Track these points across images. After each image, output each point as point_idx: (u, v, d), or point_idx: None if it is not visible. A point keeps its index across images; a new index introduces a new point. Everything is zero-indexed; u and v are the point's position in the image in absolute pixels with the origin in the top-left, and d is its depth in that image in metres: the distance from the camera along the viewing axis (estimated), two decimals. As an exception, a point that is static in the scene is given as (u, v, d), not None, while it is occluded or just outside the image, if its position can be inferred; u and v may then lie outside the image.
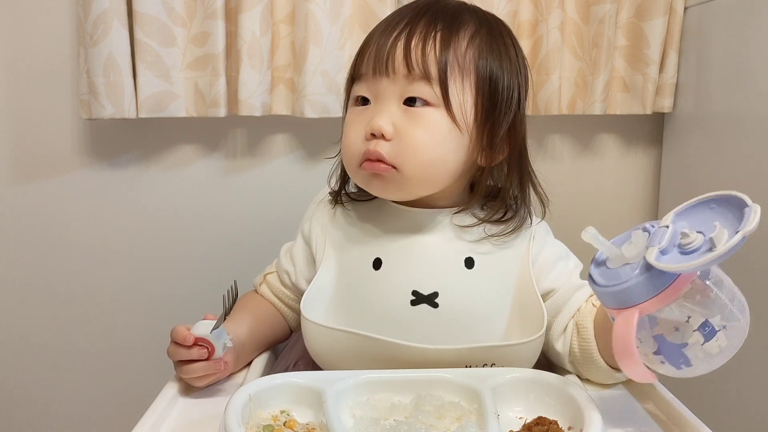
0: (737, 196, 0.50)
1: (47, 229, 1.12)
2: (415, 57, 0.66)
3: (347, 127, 0.70)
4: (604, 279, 0.53)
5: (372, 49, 0.68)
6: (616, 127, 1.18)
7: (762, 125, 0.91)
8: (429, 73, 0.66)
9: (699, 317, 0.50)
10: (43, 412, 1.18)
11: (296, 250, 0.77)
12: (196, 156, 1.13)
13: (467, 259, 0.69)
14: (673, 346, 0.52)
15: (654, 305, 0.50)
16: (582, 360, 0.69)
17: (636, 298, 0.50)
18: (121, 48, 0.98)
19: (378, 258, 0.70)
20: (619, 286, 0.51)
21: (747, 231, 0.46)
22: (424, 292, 0.67)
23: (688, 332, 0.51)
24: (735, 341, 0.51)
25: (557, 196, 1.18)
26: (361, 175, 0.70)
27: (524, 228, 0.73)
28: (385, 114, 0.66)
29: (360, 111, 0.69)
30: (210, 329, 0.64)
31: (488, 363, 0.65)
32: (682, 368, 0.52)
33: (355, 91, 0.70)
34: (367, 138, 0.67)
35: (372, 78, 0.68)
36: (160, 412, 0.61)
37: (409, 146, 0.66)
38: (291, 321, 0.80)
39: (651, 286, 0.50)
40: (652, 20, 1.06)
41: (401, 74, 0.66)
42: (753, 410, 0.93)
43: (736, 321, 0.51)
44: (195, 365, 0.64)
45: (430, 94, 0.66)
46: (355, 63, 0.71)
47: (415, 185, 0.68)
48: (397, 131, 0.66)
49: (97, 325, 1.16)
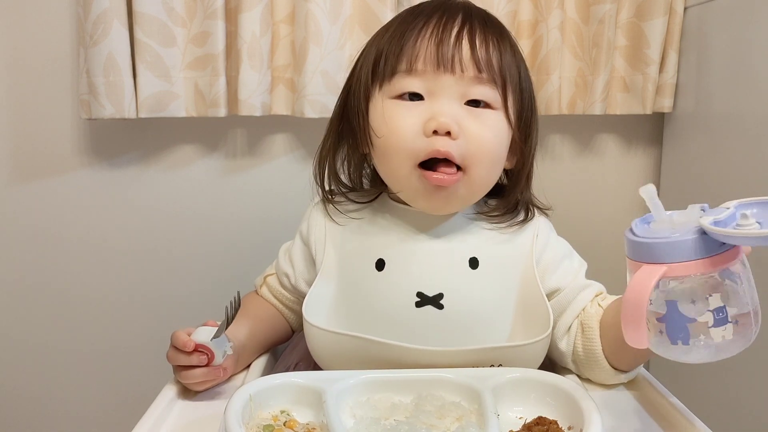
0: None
1: (47, 229, 1.12)
2: (483, 58, 0.66)
3: (395, 121, 0.66)
4: (643, 233, 0.52)
5: (427, 43, 0.66)
6: (616, 127, 1.18)
7: (762, 125, 0.91)
8: (496, 76, 0.66)
9: (719, 300, 0.50)
10: (43, 412, 1.18)
11: (295, 252, 0.77)
12: (196, 156, 1.13)
13: (472, 259, 0.69)
14: (681, 317, 0.50)
15: (687, 269, 0.49)
16: (585, 360, 0.69)
17: (672, 256, 0.49)
18: (121, 48, 0.98)
19: (381, 259, 0.69)
20: (662, 239, 0.49)
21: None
22: (429, 294, 0.67)
23: (702, 309, 0.50)
24: (738, 341, 0.51)
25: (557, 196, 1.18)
26: (416, 180, 0.66)
27: (528, 224, 0.73)
28: (450, 111, 0.65)
29: (410, 106, 0.66)
30: (211, 336, 0.64)
31: (495, 364, 0.65)
32: (677, 344, 0.51)
33: (404, 86, 0.66)
34: (427, 135, 0.65)
35: (432, 74, 0.65)
36: (160, 412, 0.61)
37: (478, 146, 0.65)
38: (292, 322, 0.80)
39: (694, 249, 0.48)
40: (652, 20, 1.06)
41: (469, 74, 0.65)
42: (753, 410, 0.93)
43: (749, 322, 0.51)
44: (194, 371, 0.64)
45: (494, 97, 0.67)
46: (394, 56, 0.67)
47: (477, 190, 0.69)
48: (462, 130, 0.65)
49: (97, 325, 1.16)
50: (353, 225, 0.73)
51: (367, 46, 0.72)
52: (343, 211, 0.74)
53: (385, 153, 0.68)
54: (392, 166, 0.68)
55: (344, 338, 0.65)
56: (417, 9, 0.71)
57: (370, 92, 0.69)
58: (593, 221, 1.20)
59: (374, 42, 0.71)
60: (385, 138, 0.67)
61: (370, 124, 0.69)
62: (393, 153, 0.67)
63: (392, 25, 0.70)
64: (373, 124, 0.69)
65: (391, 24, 0.71)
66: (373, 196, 0.74)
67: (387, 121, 0.67)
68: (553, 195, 1.18)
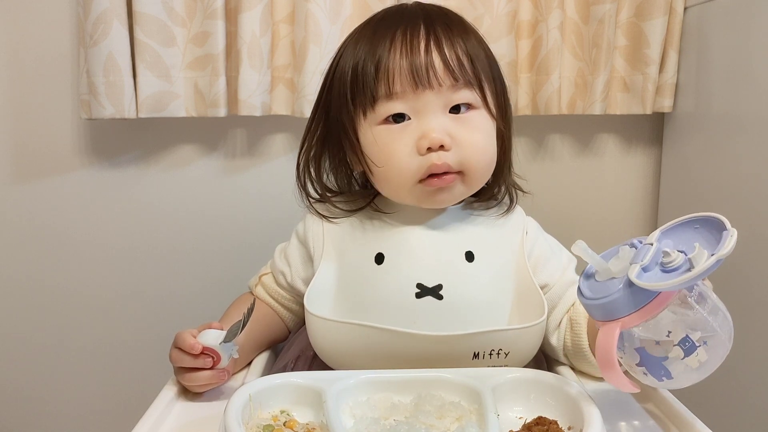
0: (718, 219, 0.51)
1: (47, 228, 1.12)
2: (456, 66, 0.67)
3: (390, 147, 0.68)
4: (591, 292, 0.55)
5: (398, 64, 0.67)
6: (616, 127, 1.18)
7: (762, 125, 0.91)
8: (471, 79, 0.68)
9: (679, 332, 0.52)
10: (43, 411, 1.18)
11: (291, 251, 0.77)
12: (196, 156, 1.13)
13: (467, 252, 0.71)
14: (655, 359, 0.53)
15: (635, 320, 0.52)
16: (574, 354, 0.72)
17: (618, 312, 0.52)
18: (121, 48, 0.98)
19: (380, 253, 0.70)
20: (603, 299, 0.52)
21: (722, 255, 0.48)
22: (429, 285, 0.68)
23: (669, 346, 0.52)
24: (716, 356, 0.53)
25: (557, 196, 1.19)
26: (419, 191, 0.69)
27: (516, 219, 0.76)
28: (438, 126, 0.67)
29: (399, 128, 0.68)
30: (218, 339, 0.64)
31: (495, 349, 0.66)
32: (664, 380, 0.54)
33: (388, 110, 0.68)
34: (422, 153, 0.67)
35: (412, 94, 0.67)
36: (160, 412, 0.61)
37: (472, 151, 0.68)
38: (288, 321, 0.80)
39: (632, 302, 0.51)
40: (652, 20, 1.06)
41: (446, 85, 0.67)
42: (753, 410, 0.93)
43: (718, 337, 0.52)
44: (199, 374, 0.64)
45: (474, 98, 0.69)
46: (372, 82, 0.68)
47: (476, 185, 0.72)
48: (453, 139, 0.67)
49: (97, 324, 1.16)
50: (351, 222, 0.75)
51: (337, 66, 0.72)
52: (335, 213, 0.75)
53: (386, 179, 0.71)
54: (393, 186, 0.71)
55: (347, 327, 0.66)
56: (380, 24, 0.71)
57: (355, 120, 0.71)
58: (593, 221, 1.20)
59: (346, 65, 0.71)
60: (386, 164, 0.69)
61: (365, 153, 0.71)
62: (395, 177, 0.70)
63: (360, 46, 0.70)
64: (368, 152, 0.71)
65: (357, 44, 0.71)
66: (364, 204, 0.76)
67: (382, 149, 0.69)
68: (553, 195, 1.19)
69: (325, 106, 0.74)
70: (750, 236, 0.93)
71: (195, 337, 0.64)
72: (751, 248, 0.92)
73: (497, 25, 1.06)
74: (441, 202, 0.71)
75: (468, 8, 1.06)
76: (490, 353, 0.66)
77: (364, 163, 0.71)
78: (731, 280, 0.96)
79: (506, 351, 0.66)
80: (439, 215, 0.73)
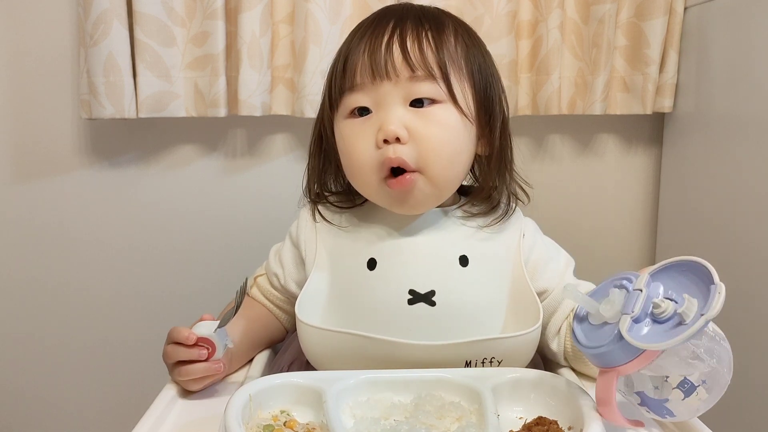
0: (704, 267, 0.51)
1: (47, 228, 1.12)
2: (415, 57, 0.66)
3: (350, 140, 0.68)
4: (586, 338, 0.55)
5: (362, 57, 0.67)
6: (616, 127, 1.18)
7: (762, 125, 0.91)
8: (432, 71, 0.66)
9: (677, 376, 0.52)
10: (43, 411, 1.18)
11: (284, 253, 0.77)
12: (196, 156, 1.13)
13: (461, 257, 0.69)
14: (655, 401, 0.54)
15: (631, 368, 0.52)
16: (575, 358, 0.71)
17: (614, 362, 0.52)
18: (121, 48, 0.98)
19: (372, 258, 0.69)
20: (598, 349, 0.52)
21: (710, 316, 0.47)
22: (421, 291, 0.67)
23: (668, 389, 0.53)
24: (717, 389, 0.53)
25: (557, 196, 1.19)
26: (385, 193, 0.68)
27: (513, 222, 0.74)
28: (394, 117, 0.66)
29: (361, 122, 0.68)
30: (211, 329, 0.64)
31: (488, 357, 0.65)
32: (667, 417, 0.54)
33: (351, 103, 0.68)
34: (379, 146, 0.66)
35: (371, 85, 0.66)
36: (160, 412, 0.61)
37: (429, 146, 0.66)
38: (284, 322, 0.79)
39: (626, 353, 0.51)
40: (652, 20, 1.06)
41: (404, 76, 0.66)
42: (753, 410, 0.93)
43: (717, 374, 0.52)
44: (195, 366, 0.64)
45: (437, 92, 0.67)
46: (340, 76, 0.69)
47: (443, 186, 0.69)
48: (411, 133, 0.66)
49: (97, 324, 1.16)
50: (343, 226, 0.74)
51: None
52: (331, 213, 0.75)
53: (352, 173, 0.70)
54: (361, 183, 0.70)
55: (338, 336, 0.65)
56: (363, 23, 0.72)
57: (332, 116, 0.71)
58: (593, 221, 1.20)
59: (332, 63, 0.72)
60: (347, 159, 0.69)
61: (338, 149, 0.71)
62: (357, 172, 0.69)
63: (343, 45, 0.72)
64: (339, 146, 0.71)
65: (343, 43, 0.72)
66: (360, 201, 0.75)
67: (345, 142, 0.69)
68: (553, 195, 1.19)
69: (319, 114, 0.75)
70: (750, 236, 0.93)
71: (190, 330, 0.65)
72: (751, 248, 0.92)
73: (497, 25, 1.06)
74: (410, 207, 0.69)
75: (468, 8, 1.06)
76: (482, 361, 0.65)
77: (339, 159, 0.71)
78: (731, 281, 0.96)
79: (499, 359, 0.65)
80: (431, 219, 0.71)
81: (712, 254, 0.98)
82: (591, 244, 1.19)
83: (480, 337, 0.64)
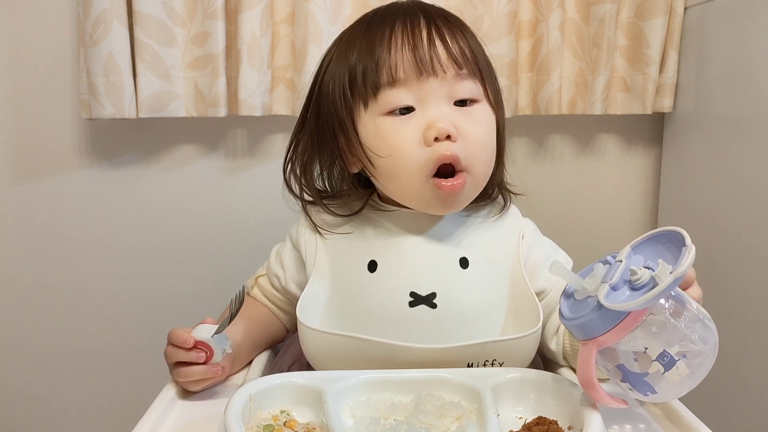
0: (679, 233, 0.52)
1: (47, 228, 1.12)
2: (460, 54, 0.66)
3: (393, 138, 0.66)
4: (570, 311, 0.55)
5: (402, 51, 0.65)
6: (616, 127, 1.18)
7: (762, 125, 0.91)
8: (474, 70, 0.67)
9: (657, 348, 0.52)
10: (43, 411, 1.18)
11: (285, 254, 0.77)
12: (196, 156, 1.13)
13: (462, 259, 0.70)
14: (636, 375, 0.54)
15: (610, 338, 0.52)
16: (573, 357, 0.71)
17: (593, 332, 0.52)
18: (121, 48, 0.98)
19: (373, 260, 0.69)
20: (578, 320, 0.53)
21: (679, 273, 0.48)
22: (422, 293, 0.67)
23: (647, 362, 0.53)
24: (699, 369, 0.53)
25: (557, 195, 1.19)
26: (429, 193, 0.67)
27: (512, 219, 0.75)
28: (444, 115, 0.65)
29: (404, 119, 0.66)
30: (211, 333, 0.64)
31: (489, 359, 0.65)
32: (649, 395, 0.54)
33: (394, 100, 0.66)
34: (429, 144, 0.65)
35: (416, 81, 0.65)
36: (160, 412, 0.61)
37: (475, 145, 0.66)
38: (285, 322, 0.79)
39: (604, 321, 0.52)
40: (652, 20, 1.06)
41: (451, 74, 0.66)
42: (753, 410, 0.93)
43: (698, 349, 0.53)
44: (193, 368, 0.64)
45: (477, 91, 0.68)
46: (372, 72, 0.66)
47: (481, 185, 0.70)
48: (459, 132, 0.65)
49: (97, 324, 1.16)
50: (344, 228, 0.73)
51: (329, 64, 0.71)
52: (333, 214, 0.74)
53: (392, 172, 0.68)
54: (402, 183, 0.68)
55: (339, 339, 0.65)
56: (374, 19, 0.70)
57: (354, 113, 0.68)
58: (593, 221, 1.20)
59: (339, 61, 0.69)
60: (389, 158, 0.67)
61: (365, 145, 0.68)
62: (401, 170, 0.67)
63: (354, 41, 0.69)
64: (369, 144, 0.68)
65: (351, 39, 0.69)
66: (358, 207, 0.74)
67: (385, 140, 0.66)
68: (553, 195, 1.19)
69: (316, 105, 0.72)
70: (750, 236, 0.93)
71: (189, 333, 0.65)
72: (751, 248, 0.92)
73: (497, 25, 1.06)
74: (451, 208, 0.69)
75: (468, 8, 1.06)
76: (484, 363, 0.65)
77: (364, 158, 0.68)
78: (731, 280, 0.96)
79: (500, 361, 0.65)
80: (434, 220, 0.71)
81: (712, 253, 0.98)
82: (591, 244, 1.19)
83: (481, 339, 0.64)
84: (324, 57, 0.73)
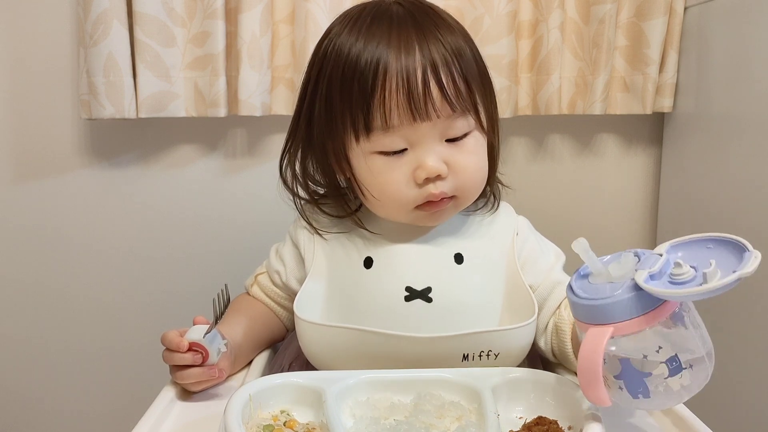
0: (739, 241, 0.50)
1: (47, 228, 1.12)
2: (453, 94, 0.65)
3: (384, 177, 0.66)
4: (584, 292, 0.53)
5: (396, 96, 0.63)
6: (616, 127, 1.18)
7: (762, 125, 0.91)
8: (468, 106, 0.66)
9: (669, 350, 0.50)
10: (43, 411, 1.18)
11: (285, 251, 0.78)
12: (196, 156, 1.13)
13: (456, 254, 0.71)
14: (637, 373, 0.51)
15: (631, 327, 0.50)
16: (561, 358, 0.72)
17: (615, 316, 0.50)
18: (121, 48, 0.98)
19: (369, 257, 0.71)
20: (602, 300, 0.50)
21: (744, 273, 0.46)
22: (418, 288, 0.68)
23: (655, 363, 0.51)
24: (696, 384, 0.51)
25: (557, 195, 1.19)
26: (414, 216, 0.69)
27: (507, 217, 0.76)
28: (434, 156, 0.66)
29: (396, 158, 0.66)
30: (203, 333, 0.64)
31: (485, 350, 0.65)
32: (639, 398, 0.52)
33: (387, 145, 0.65)
34: (419, 183, 0.66)
35: (409, 126, 0.64)
36: (160, 412, 0.61)
37: (466, 175, 0.68)
38: (285, 320, 0.80)
39: (634, 307, 0.49)
40: (652, 20, 1.06)
41: (444, 115, 0.65)
42: (753, 410, 0.93)
43: (703, 365, 0.51)
44: (189, 371, 0.64)
45: (469, 125, 0.68)
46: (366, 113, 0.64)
47: (469, 203, 0.72)
48: (449, 166, 0.66)
49: (97, 324, 1.16)
50: (341, 228, 0.74)
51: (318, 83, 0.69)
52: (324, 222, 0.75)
53: (380, 205, 0.69)
54: (388, 210, 0.70)
55: (336, 332, 0.66)
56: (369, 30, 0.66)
57: (347, 144, 0.68)
58: (593, 221, 1.20)
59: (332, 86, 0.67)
60: (380, 195, 0.68)
61: (357, 177, 0.69)
62: (389, 204, 0.69)
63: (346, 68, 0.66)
64: (360, 177, 0.69)
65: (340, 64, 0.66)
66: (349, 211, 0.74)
67: (377, 178, 0.67)
68: (553, 195, 1.19)
69: (307, 114, 0.71)
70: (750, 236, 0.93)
71: (182, 335, 0.65)
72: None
73: (497, 25, 1.06)
74: (435, 222, 0.71)
75: (468, 8, 1.06)
76: (479, 354, 0.65)
77: (358, 189, 0.70)
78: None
79: (496, 353, 0.66)
80: None
81: (712, 254, 0.98)
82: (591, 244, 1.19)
83: (476, 329, 0.65)
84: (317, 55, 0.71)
